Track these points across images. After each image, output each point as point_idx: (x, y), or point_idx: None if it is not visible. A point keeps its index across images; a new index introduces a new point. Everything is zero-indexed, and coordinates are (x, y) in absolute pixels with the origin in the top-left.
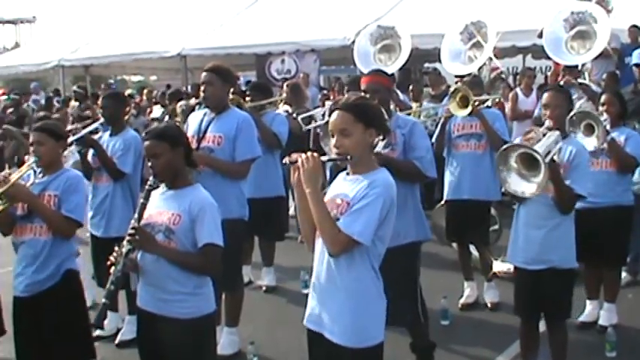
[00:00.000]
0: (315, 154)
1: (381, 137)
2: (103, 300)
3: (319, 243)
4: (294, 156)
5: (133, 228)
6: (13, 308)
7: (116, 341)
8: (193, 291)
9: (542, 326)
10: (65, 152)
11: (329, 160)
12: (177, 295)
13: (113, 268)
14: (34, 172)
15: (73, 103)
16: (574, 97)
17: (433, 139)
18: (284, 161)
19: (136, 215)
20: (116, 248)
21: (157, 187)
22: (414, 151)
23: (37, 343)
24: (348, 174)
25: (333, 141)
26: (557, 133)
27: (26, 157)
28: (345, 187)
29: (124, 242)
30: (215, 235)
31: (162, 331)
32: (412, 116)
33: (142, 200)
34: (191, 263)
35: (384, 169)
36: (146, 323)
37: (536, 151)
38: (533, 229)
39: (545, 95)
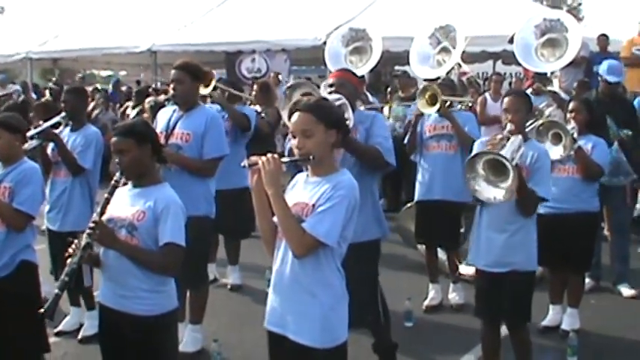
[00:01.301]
0: (276, 156)
1: (341, 137)
2: (56, 290)
3: (281, 244)
4: (254, 159)
5: (93, 222)
6: None
7: (79, 337)
8: (155, 288)
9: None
10: (26, 145)
11: (290, 162)
12: (138, 291)
13: (69, 259)
14: None
15: (48, 98)
16: (543, 104)
17: (405, 141)
18: (242, 164)
19: (99, 209)
20: (75, 241)
21: (124, 183)
22: (373, 137)
23: None
24: (308, 176)
25: (294, 142)
26: (520, 137)
27: None
28: (307, 189)
29: (84, 235)
30: (177, 234)
31: (124, 327)
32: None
33: (106, 195)
34: (150, 261)
35: (346, 171)
36: (107, 319)
37: (503, 157)
38: (495, 232)
39: (506, 100)
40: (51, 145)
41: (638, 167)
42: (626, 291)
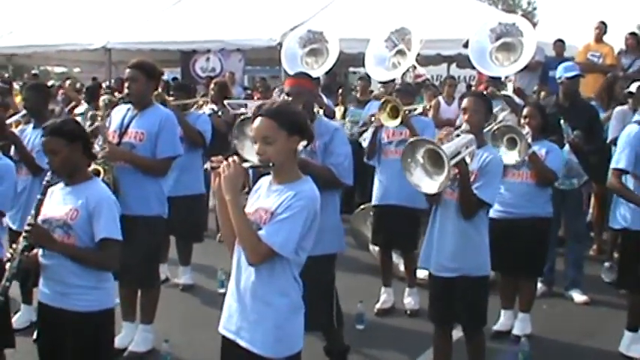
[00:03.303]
0: (237, 160)
1: (304, 143)
2: None
3: (239, 248)
4: (216, 160)
5: (29, 224)
6: None
7: (34, 336)
8: (95, 285)
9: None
10: None
11: (251, 167)
12: (78, 288)
13: (9, 264)
14: None
15: None
16: (497, 108)
17: (365, 145)
18: (205, 166)
19: (33, 211)
20: (14, 245)
21: (55, 183)
22: (332, 156)
23: None
24: (271, 182)
25: (255, 147)
26: (471, 137)
27: None
28: (269, 196)
29: (21, 238)
30: (112, 229)
31: (62, 324)
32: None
33: (38, 196)
34: (87, 258)
35: (309, 178)
36: (45, 317)
37: (441, 149)
38: (446, 236)
39: (465, 100)
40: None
41: (592, 170)
42: (578, 297)
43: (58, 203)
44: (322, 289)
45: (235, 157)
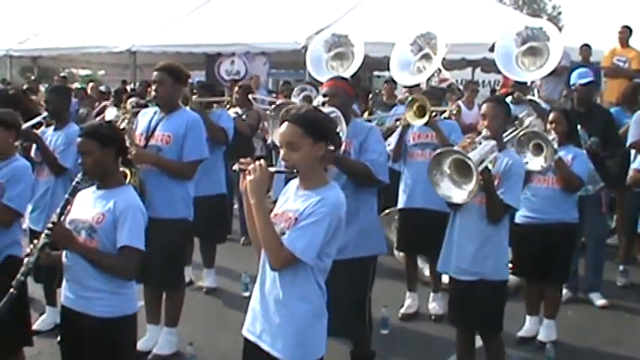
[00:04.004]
0: (264, 164)
1: (332, 148)
2: (11, 290)
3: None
4: (244, 162)
5: (52, 222)
6: None
7: (58, 338)
8: (115, 290)
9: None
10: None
11: (276, 172)
12: (98, 292)
13: (26, 259)
14: None
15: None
16: (523, 113)
17: (390, 147)
18: (233, 168)
19: (58, 210)
20: (35, 241)
21: (86, 185)
22: (367, 153)
23: None
24: (298, 187)
25: (281, 152)
26: (493, 142)
27: None
28: (296, 201)
29: (42, 235)
30: (135, 238)
31: (82, 328)
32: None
33: (66, 196)
34: (106, 264)
35: (335, 184)
36: (67, 320)
37: (469, 158)
38: (466, 240)
39: (484, 106)
40: (35, 145)
41: (610, 176)
42: (598, 300)
43: (87, 206)
44: (356, 296)
45: (262, 161)
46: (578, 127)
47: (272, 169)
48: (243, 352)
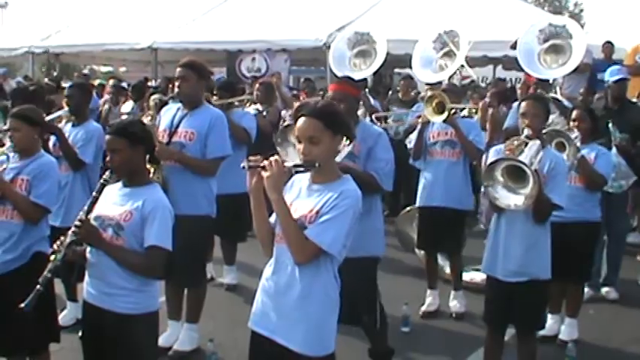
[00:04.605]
0: (279, 160)
1: (347, 142)
2: (38, 286)
3: (279, 248)
4: (254, 160)
5: (79, 220)
6: None
7: (80, 333)
8: (138, 287)
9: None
10: None
11: (294, 167)
12: (122, 289)
13: (53, 256)
14: (7, 157)
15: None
16: None
17: (410, 145)
18: (242, 165)
19: (86, 207)
20: (61, 237)
21: (113, 182)
22: (375, 162)
23: (5, 321)
24: (310, 181)
25: (300, 147)
26: (538, 142)
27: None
28: (310, 196)
29: (69, 232)
30: (163, 238)
31: (105, 324)
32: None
33: (94, 193)
34: (132, 263)
35: (350, 177)
36: (90, 316)
37: (523, 163)
38: (514, 242)
39: (524, 104)
40: (53, 140)
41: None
42: (612, 295)
43: (113, 203)
44: (365, 292)
45: (277, 157)
46: (610, 124)
47: (289, 164)
48: (250, 345)
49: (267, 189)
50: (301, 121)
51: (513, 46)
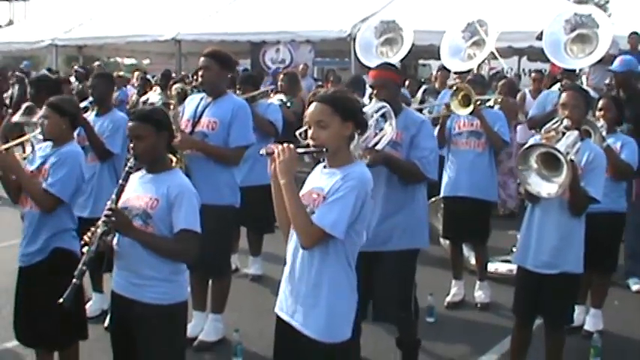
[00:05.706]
0: (291, 146)
1: (359, 131)
2: (74, 280)
3: (294, 234)
4: (271, 147)
5: (109, 209)
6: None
7: (105, 324)
8: (168, 277)
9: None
10: None
11: (305, 152)
12: (151, 280)
13: (86, 248)
14: (32, 145)
15: (73, 83)
16: None
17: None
18: (260, 152)
19: (114, 196)
20: (92, 229)
21: (137, 169)
22: (418, 150)
23: (25, 316)
24: (325, 167)
25: (309, 132)
26: (577, 133)
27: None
28: (321, 180)
29: (100, 223)
30: (192, 220)
31: (134, 315)
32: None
33: (120, 182)
34: (166, 248)
35: (361, 163)
36: (118, 307)
37: (558, 150)
38: (547, 233)
39: (564, 95)
40: (77, 130)
41: None
42: (634, 285)
43: (135, 191)
44: (402, 285)
45: (289, 144)
46: None
47: (300, 150)
48: (275, 329)
49: (278, 173)
50: (311, 106)
51: (539, 37)
